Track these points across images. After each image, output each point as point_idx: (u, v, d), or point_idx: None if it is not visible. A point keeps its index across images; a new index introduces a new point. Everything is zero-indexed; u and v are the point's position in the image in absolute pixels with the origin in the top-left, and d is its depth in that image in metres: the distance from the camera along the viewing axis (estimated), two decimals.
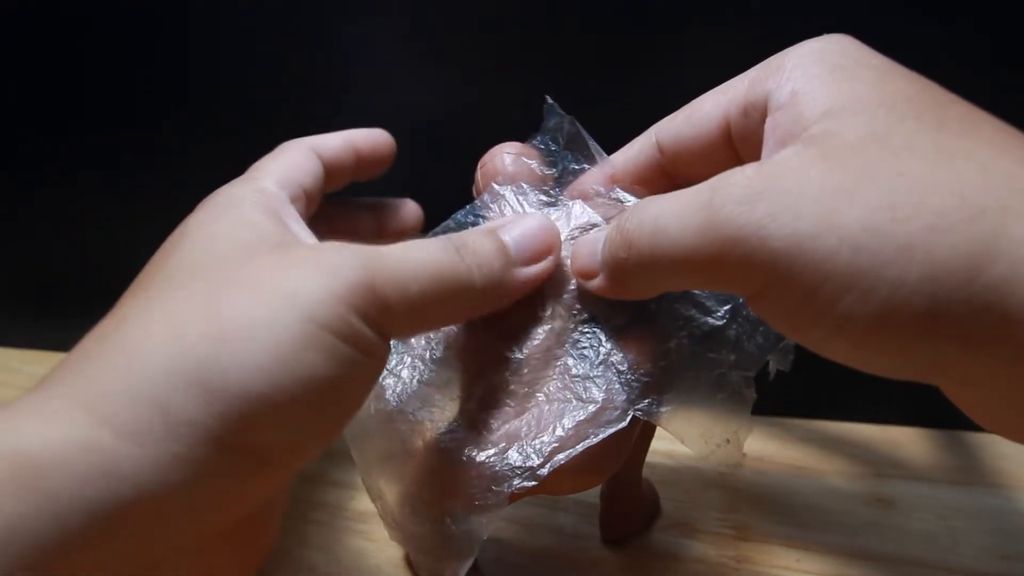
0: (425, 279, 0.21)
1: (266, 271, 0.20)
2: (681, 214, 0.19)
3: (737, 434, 0.24)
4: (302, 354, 0.18)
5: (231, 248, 0.21)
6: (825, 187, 0.17)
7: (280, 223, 0.23)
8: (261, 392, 0.18)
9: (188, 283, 0.20)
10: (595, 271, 0.23)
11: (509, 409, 0.23)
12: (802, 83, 0.20)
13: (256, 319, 0.18)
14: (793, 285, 0.17)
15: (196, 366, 0.18)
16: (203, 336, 0.18)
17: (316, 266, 0.20)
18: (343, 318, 0.19)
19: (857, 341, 0.18)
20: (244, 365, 0.18)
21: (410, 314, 0.21)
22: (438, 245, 0.22)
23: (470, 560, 0.23)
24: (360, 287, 0.20)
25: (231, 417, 0.18)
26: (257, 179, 0.25)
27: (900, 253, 0.16)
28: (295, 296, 0.19)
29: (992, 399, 0.18)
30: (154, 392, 0.17)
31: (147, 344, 0.18)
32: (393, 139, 0.31)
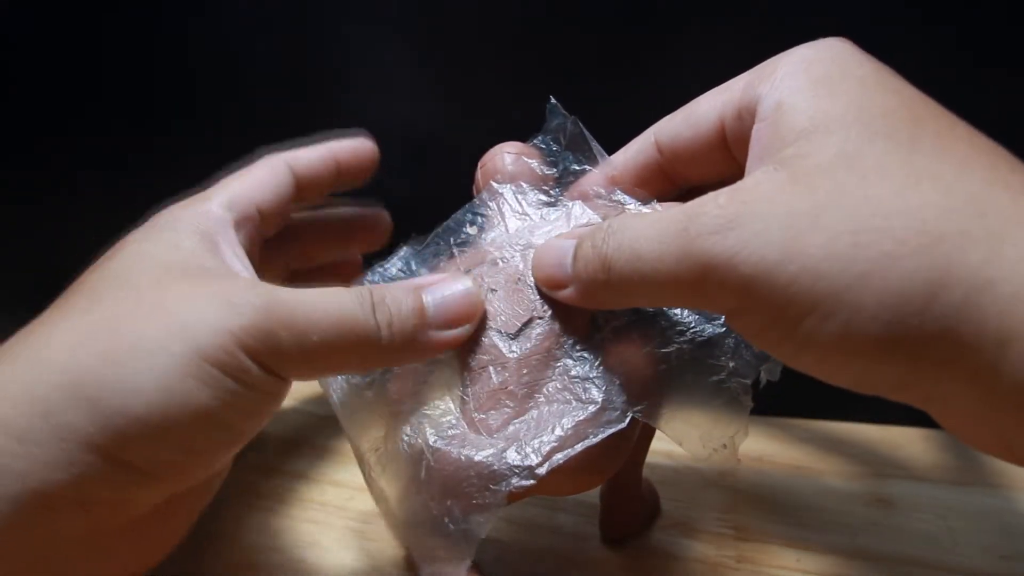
0: (327, 330, 0.22)
1: (171, 298, 0.21)
2: (659, 241, 0.20)
3: (734, 439, 0.25)
4: (182, 381, 0.20)
5: (150, 270, 0.22)
6: (792, 212, 0.18)
7: (211, 250, 0.24)
8: (140, 413, 0.19)
9: (101, 299, 0.21)
10: (564, 282, 0.23)
11: (508, 409, 0.23)
12: (787, 94, 0.20)
13: (146, 343, 0.20)
14: (762, 307, 0.18)
15: (83, 379, 0.19)
16: (96, 353, 0.20)
17: (218, 300, 0.21)
18: (229, 352, 0.20)
19: (821, 359, 0.19)
20: (127, 385, 0.19)
21: (305, 360, 0.22)
22: (352, 297, 0.22)
23: (468, 559, 0.23)
24: (253, 328, 0.21)
25: (111, 431, 0.19)
26: (208, 199, 0.26)
27: (858, 280, 0.17)
28: (187, 326, 0.20)
29: (956, 415, 0.18)
30: (41, 397, 0.19)
31: (44, 353, 0.20)
32: (376, 147, 0.32)
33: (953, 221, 0.17)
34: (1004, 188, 0.17)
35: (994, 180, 0.17)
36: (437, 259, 0.26)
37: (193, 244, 0.23)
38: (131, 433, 0.20)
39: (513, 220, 0.26)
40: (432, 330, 0.24)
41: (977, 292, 0.16)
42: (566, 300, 0.23)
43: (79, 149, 0.43)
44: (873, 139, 0.18)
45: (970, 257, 0.16)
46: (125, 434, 0.19)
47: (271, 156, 0.29)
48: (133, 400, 0.19)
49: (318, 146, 0.30)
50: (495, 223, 0.26)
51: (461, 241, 0.26)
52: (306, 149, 0.30)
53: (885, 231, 0.17)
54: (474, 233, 0.26)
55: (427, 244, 0.27)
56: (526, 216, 0.26)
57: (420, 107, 0.39)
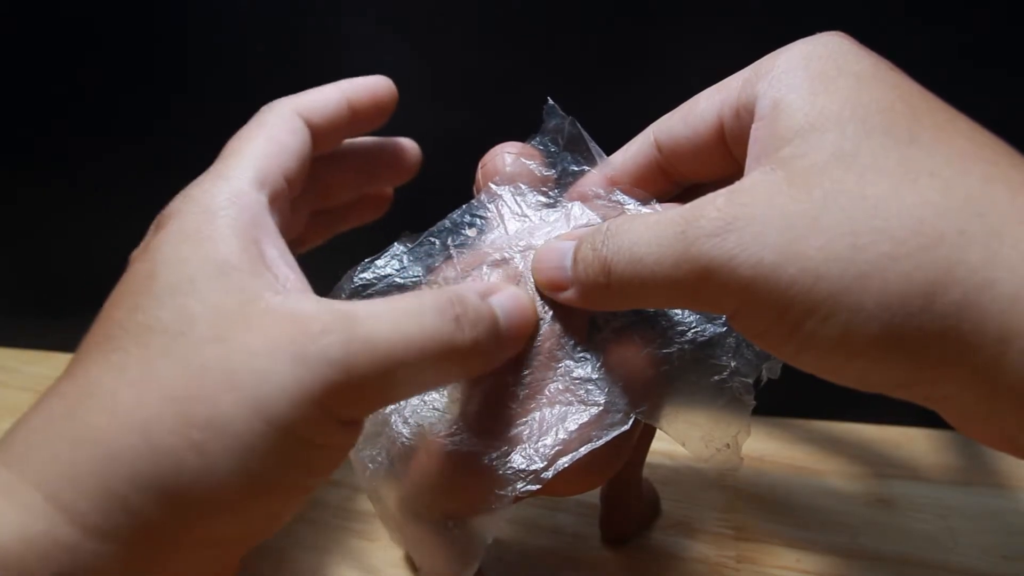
0: (414, 360, 0.20)
1: (238, 360, 0.19)
2: (657, 244, 0.20)
3: (736, 439, 0.25)
4: (267, 462, 0.18)
5: (203, 313, 0.19)
6: (790, 214, 0.18)
7: (258, 257, 0.21)
8: (224, 499, 0.18)
9: (156, 357, 0.19)
10: (564, 284, 0.23)
11: (511, 412, 0.23)
12: (784, 93, 0.20)
13: (222, 421, 0.18)
14: (762, 309, 0.18)
15: (161, 471, 0.18)
16: (172, 438, 0.18)
17: (294, 360, 0.18)
18: (316, 422, 0.19)
19: (822, 359, 0.19)
20: (210, 474, 0.18)
21: (389, 394, 0.21)
22: (434, 312, 0.20)
23: (476, 563, 0.23)
24: (340, 386, 0.19)
25: (194, 520, 0.18)
26: (232, 176, 0.23)
27: (857, 281, 0.17)
28: (266, 400, 0.18)
29: (958, 412, 0.18)
30: (120, 491, 0.18)
31: (115, 437, 0.18)
32: (393, 85, 0.28)
33: (952, 220, 0.17)
34: (1004, 185, 0.17)
35: (994, 176, 0.17)
36: (432, 258, 0.26)
37: (239, 258, 0.20)
38: (215, 518, 0.19)
39: (512, 221, 0.26)
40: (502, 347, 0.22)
41: (977, 292, 0.16)
42: (566, 302, 0.23)
43: (79, 149, 0.43)
44: (870, 136, 0.18)
45: (969, 257, 0.16)
46: (208, 521, 0.19)
47: (279, 106, 0.26)
48: (218, 488, 0.18)
49: (329, 87, 0.27)
50: (494, 225, 0.26)
51: (460, 242, 0.26)
52: (316, 92, 0.27)
53: (883, 231, 0.17)
54: (473, 235, 0.26)
55: (420, 242, 0.26)
56: (525, 217, 0.26)
57: (419, 107, 0.39)
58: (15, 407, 0.43)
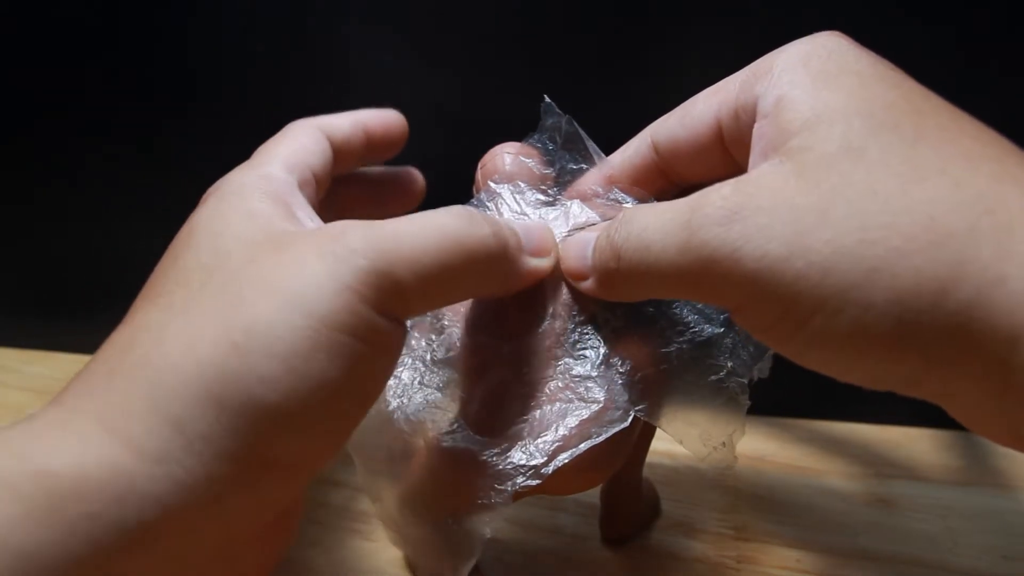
0: (440, 248, 0.20)
1: (272, 270, 0.19)
2: (663, 232, 0.20)
3: (731, 437, 0.25)
4: (312, 359, 0.18)
5: (237, 247, 0.20)
6: (797, 206, 0.18)
7: (287, 211, 0.22)
8: (273, 403, 0.18)
9: (198, 290, 0.20)
10: (585, 273, 0.23)
11: (510, 409, 0.23)
12: (787, 89, 0.20)
13: (264, 325, 0.18)
14: (768, 303, 0.18)
15: (209, 381, 0.18)
16: (214, 348, 0.18)
17: (322, 256, 0.19)
18: (353, 311, 0.19)
19: (830, 356, 0.18)
20: (255, 376, 0.18)
21: (425, 290, 0.20)
22: (449, 213, 0.21)
23: (473, 559, 0.23)
24: (370, 273, 0.19)
25: (246, 431, 0.18)
26: (263, 164, 0.24)
27: (867, 276, 0.17)
28: (301, 296, 0.18)
29: (968, 409, 0.18)
30: (170, 410, 0.17)
31: (161, 360, 0.18)
32: (404, 119, 0.30)
33: (962, 217, 0.17)
34: (1012, 183, 0.17)
35: (1002, 174, 0.17)
36: None
37: (270, 209, 0.22)
38: (267, 428, 0.18)
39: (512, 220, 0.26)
40: (526, 254, 0.23)
41: (988, 288, 0.16)
42: (587, 291, 0.23)
43: (79, 149, 0.43)
44: (877, 131, 0.18)
45: (980, 253, 0.16)
46: (261, 430, 0.18)
47: (304, 122, 0.27)
48: (263, 390, 0.18)
49: (347, 114, 0.29)
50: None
51: None
52: (336, 116, 0.28)
53: (893, 227, 0.17)
54: None
55: None
56: (524, 216, 0.26)
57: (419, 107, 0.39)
58: (15, 407, 0.43)
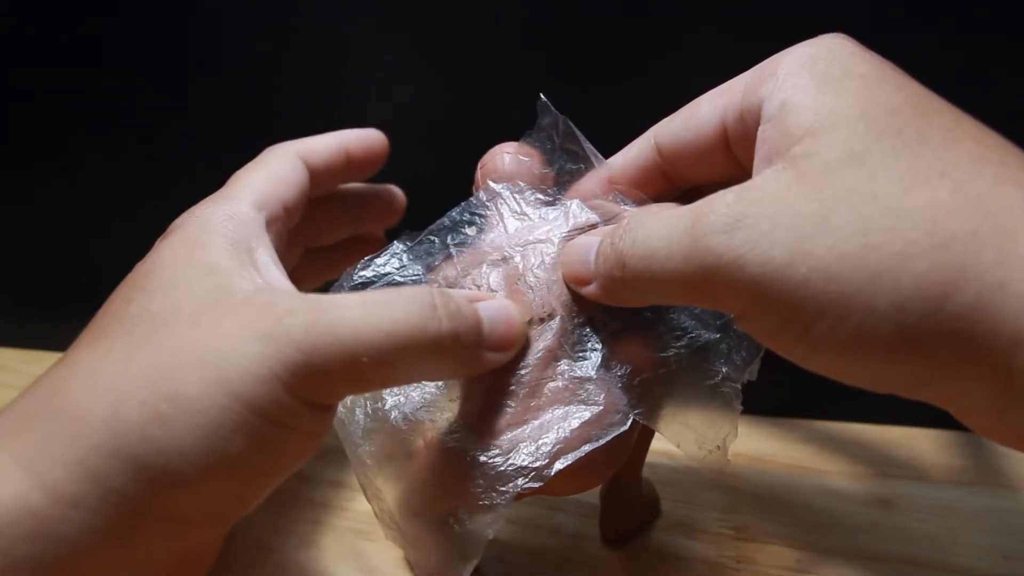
0: (382, 347, 0.20)
1: (209, 340, 0.20)
2: (668, 239, 0.20)
3: (725, 441, 0.25)
4: (231, 439, 0.19)
5: (187, 304, 0.21)
6: (800, 213, 0.18)
7: (248, 262, 0.22)
8: (187, 473, 0.19)
9: (139, 342, 0.20)
10: (588, 279, 0.23)
11: (510, 410, 0.23)
12: (792, 93, 0.20)
13: (189, 399, 0.19)
14: (772, 309, 0.18)
15: (131, 443, 0.19)
16: (140, 411, 0.19)
17: (259, 339, 0.19)
18: (278, 400, 0.19)
19: (834, 361, 0.18)
20: (173, 446, 0.19)
21: (360, 383, 0.21)
22: (411, 302, 0.20)
23: (475, 560, 0.23)
24: (303, 367, 0.19)
25: (158, 492, 0.19)
26: (232, 199, 0.24)
27: (870, 281, 0.17)
28: (229, 377, 0.19)
29: (972, 412, 0.18)
30: (89, 461, 0.18)
31: (88, 411, 0.19)
32: (386, 138, 0.31)
33: (964, 221, 0.17)
34: (1014, 186, 0.17)
35: (1004, 177, 0.17)
36: (431, 257, 0.26)
37: (228, 261, 0.22)
38: (177, 492, 0.19)
39: (512, 220, 0.26)
40: (485, 349, 0.22)
41: (990, 292, 0.16)
42: (590, 296, 0.23)
43: (79, 149, 0.43)
44: (880, 136, 0.18)
45: (982, 257, 0.16)
46: (171, 494, 0.19)
47: (282, 148, 0.28)
48: (179, 460, 0.19)
49: (328, 136, 0.29)
50: (494, 224, 0.26)
51: (459, 241, 0.26)
52: (316, 139, 0.29)
53: (895, 232, 0.17)
54: (473, 234, 0.26)
55: (420, 241, 0.26)
56: (525, 216, 0.26)
57: (419, 107, 0.39)
58: None
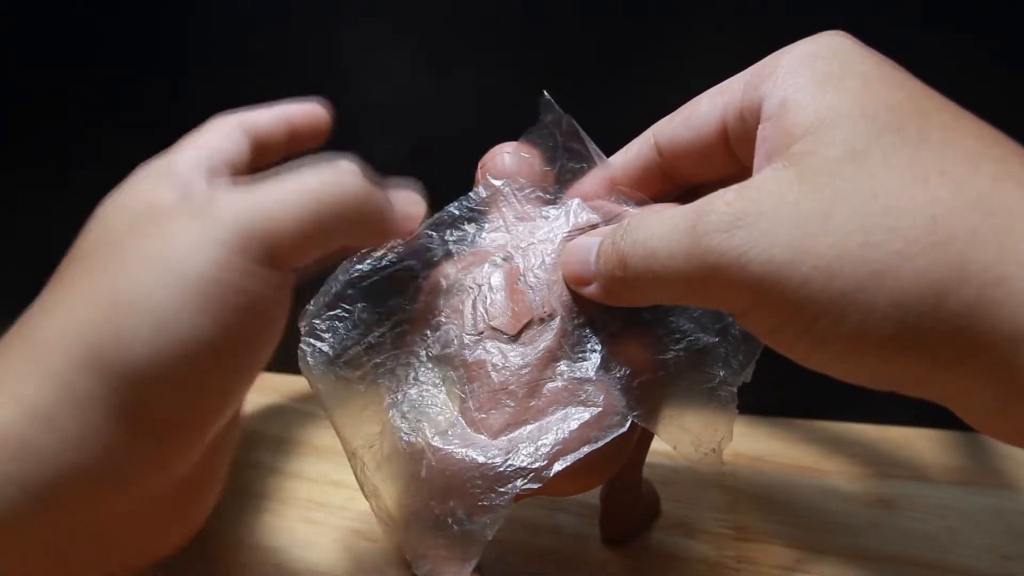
0: (306, 201, 0.21)
1: (149, 238, 0.20)
2: (669, 239, 0.20)
3: (721, 443, 0.25)
4: (181, 315, 0.19)
5: (123, 222, 0.21)
6: (801, 211, 0.18)
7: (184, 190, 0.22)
8: (149, 360, 0.18)
9: (91, 262, 0.21)
10: (588, 279, 0.23)
11: (509, 409, 0.23)
12: (791, 92, 0.20)
13: (138, 287, 0.19)
14: (773, 307, 0.18)
15: (90, 343, 0.18)
16: (94, 312, 0.19)
17: (195, 219, 0.20)
18: (225, 264, 0.19)
19: (835, 358, 0.19)
20: (130, 335, 0.18)
21: (296, 239, 0.21)
22: (324, 166, 0.22)
23: (474, 560, 0.23)
24: (240, 226, 0.20)
25: (127, 390, 0.18)
26: (171, 154, 0.25)
27: (871, 279, 0.17)
28: (174, 257, 0.19)
29: (973, 409, 0.18)
30: (56, 371, 0.18)
31: (47, 325, 0.19)
32: (327, 113, 0.31)
33: (963, 218, 0.17)
34: (1014, 183, 0.17)
35: (1004, 175, 0.17)
36: (430, 252, 0.26)
37: (163, 190, 0.22)
38: (147, 386, 0.18)
39: (513, 220, 0.26)
40: (396, 205, 0.24)
41: (990, 289, 0.16)
42: (590, 296, 0.23)
43: (78, 146, 0.43)
44: (880, 134, 0.18)
45: (982, 255, 0.16)
46: (141, 389, 0.18)
47: (222, 119, 0.28)
48: (140, 349, 0.18)
49: (271, 108, 0.29)
50: (495, 222, 0.26)
51: (459, 238, 0.26)
52: (257, 111, 0.29)
53: (895, 230, 0.17)
54: (473, 231, 0.26)
55: (417, 235, 0.26)
56: (526, 215, 0.26)
57: (420, 105, 0.39)
58: None
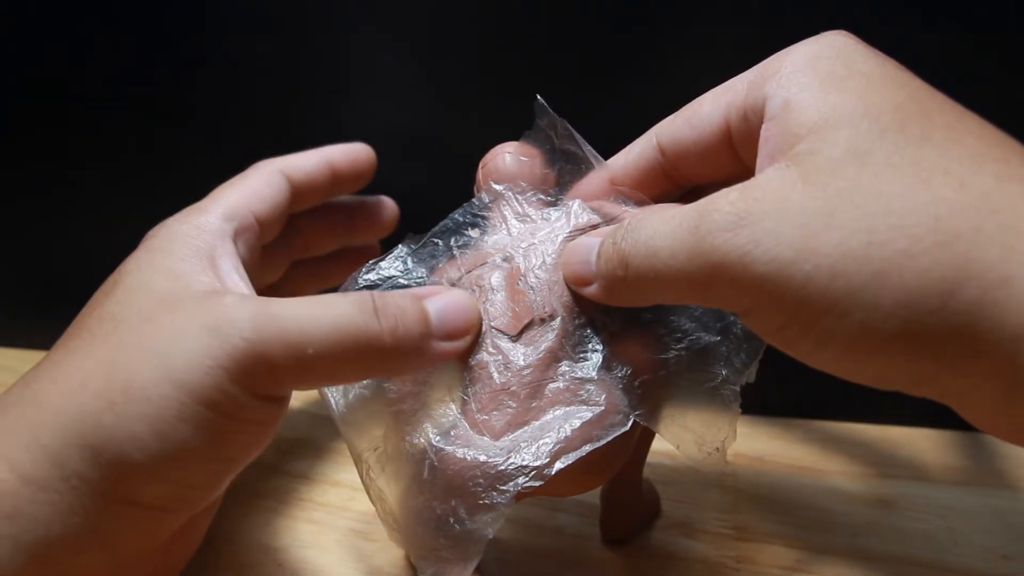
0: (324, 340, 0.21)
1: (159, 334, 0.21)
2: (671, 238, 0.20)
3: (724, 443, 0.25)
4: (176, 426, 0.20)
5: (144, 304, 0.22)
6: (805, 210, 0.18)
7: (208, 267, 0.23)
8: (139, 459, 0.20)
9: (100, 339, 0.22)
10: (589, 279, 0.23)
11: (511, 410, 0.23)
12: (795, 92, 0.20)
13: (139, 389, 0.20)
14: (777, 306, 0.18)
15: (86, 430, 0.20)
16: (94, 401, 0.20)
17: (204, 330, 0.21)
18: (222, 390, 0.20)
19: (839, 357, 0.19)
20: (124, 433, 0.20)
21: (302, 375, 0.22)
22: (351, 302, 0.22)
23: (475, 560, 0.23)
24: (246, 354, 0.20)
25: (116, 478, 0.20)
26: (205, 210, 0.26)
27: (875, 278, 0.17)
28: (176, 367, 0.20)
29: (976, 408, 0.18)
30: (51, 447, 0.20)
31: (49, 400, 0.21)
32: (372, 151, 0.31)
33: (967, 217, 0.17)
34: (1018, 182, 0.17)
35: (1007, 174, 0.17)
36: (435, 259, 0.26)
37: (190, 266, 0.23)
38: (134, 479, 0.20)
39: (514, 221, 0.26)
40: (435, 340, 0.23)
41: (994, 289, 0.16)
42: (591, 297, 0.23)
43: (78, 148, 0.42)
44: (884, 134, 0.18)
45: (986, 254, 0.16)
46: (129, 480, 0.20)
47: (264, 164, 0.29)
48: (131, 447, 0.20)
49: (313, 152, 0.30)
50: (496, 225, 0.26)
51: (463, 243, 0.26)
52: (301, 155, 0.30)
53: (899, 229, 0.17)
54: (476, 235, 0.26)
55: (424, 243, 0.27)
56: (527, 217, 0.26)
57: (419, 109, 0.39)
58: None
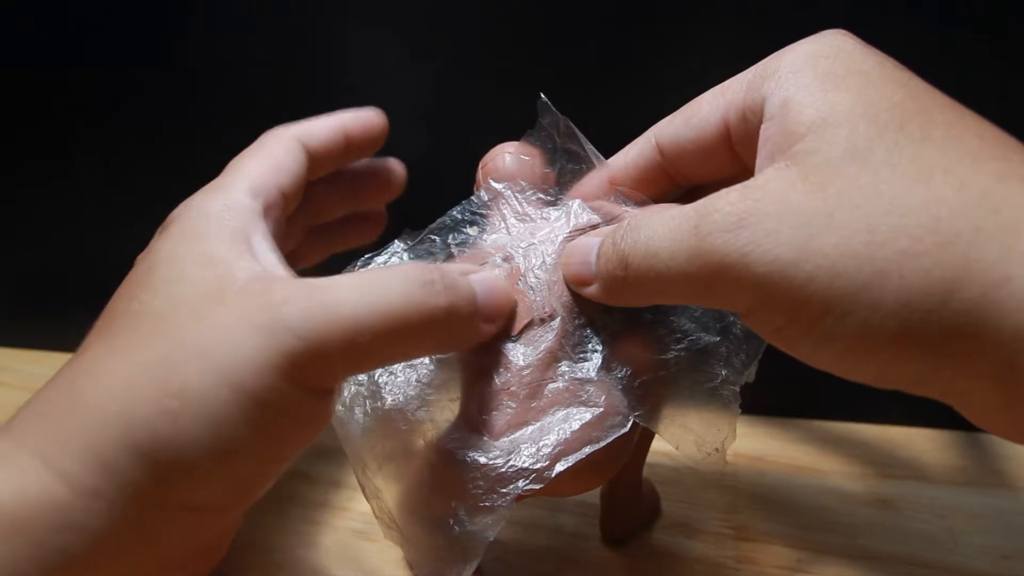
0: (383, 324, 0.20)
1: (211, 333, 0.20)
2: (671, 239, 0.20)
3: (724, 443, 0.25)
4: (234, 428, 0.20)
5: (189, 296, 0.21)
6: (805, 211, 0.18)
7: (247, 251, 0.23)
8: (197, 465, 0.20)
9: (146, 336, 0.21)
10: (589, 279, 0.23)
11: (511, 411, 0.23)
12: (794, 91, 0.20)
13: (195, 393, 0.19)
14: (778, 307, 0.18)
15: (140, 438, 0.19)
16: (148, 408, 0.20)
17: (256, 329, 0.20)
18: (277, 389, 0.20)
19: (840, 357, 0.19)
20: (181, 437, 0.19)
21: (358, 363, 0.21)
22: (406, 278, 0.21)
23: (476, 561, 0.23)
24: (300, 353, 0.20)
25: (171, 483, 0.20)
26: (229, 188, 0.24)
27: (875, 278, 0.17)
28: (231, 369, 0.20)
29: (977, 407, 0.18)
30: (103, 454, 0.19)
31: (100, 407, 0.20)
32: (384, 117, 0.30)
33: (968, 217, 0.17)
34: (1018, 182, 0.17)
35: (1007, 173, 0.17)
36: (432, 256, 0.26)
37: (228, 251, 0.22)
38: (190, 483, 0.20)
39: (514, 221, 0.26)
40: (480, 321, 0.23)
41: (994, 288, 0.16)
42: (591, 297, 0.23)
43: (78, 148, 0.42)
44: (883, 133, 0.18)
45: (986, 253, 0.16)
46: (184, 485, 0.20)
47: (280, 132, 0.28)
48: (189, 454, 0.19)
49: (327, 118, 0.29)
50: (496, 224, 0.26)
51: (461, 241, 0.26)
52: (315, 121, 0.29)
53: (900, 228, 0.17)
54: (474, 233, 0.26)
55: (420, 240, 0.26)
56: (527, 216, 0.26)
57: (419, 107, 0.39)
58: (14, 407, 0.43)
